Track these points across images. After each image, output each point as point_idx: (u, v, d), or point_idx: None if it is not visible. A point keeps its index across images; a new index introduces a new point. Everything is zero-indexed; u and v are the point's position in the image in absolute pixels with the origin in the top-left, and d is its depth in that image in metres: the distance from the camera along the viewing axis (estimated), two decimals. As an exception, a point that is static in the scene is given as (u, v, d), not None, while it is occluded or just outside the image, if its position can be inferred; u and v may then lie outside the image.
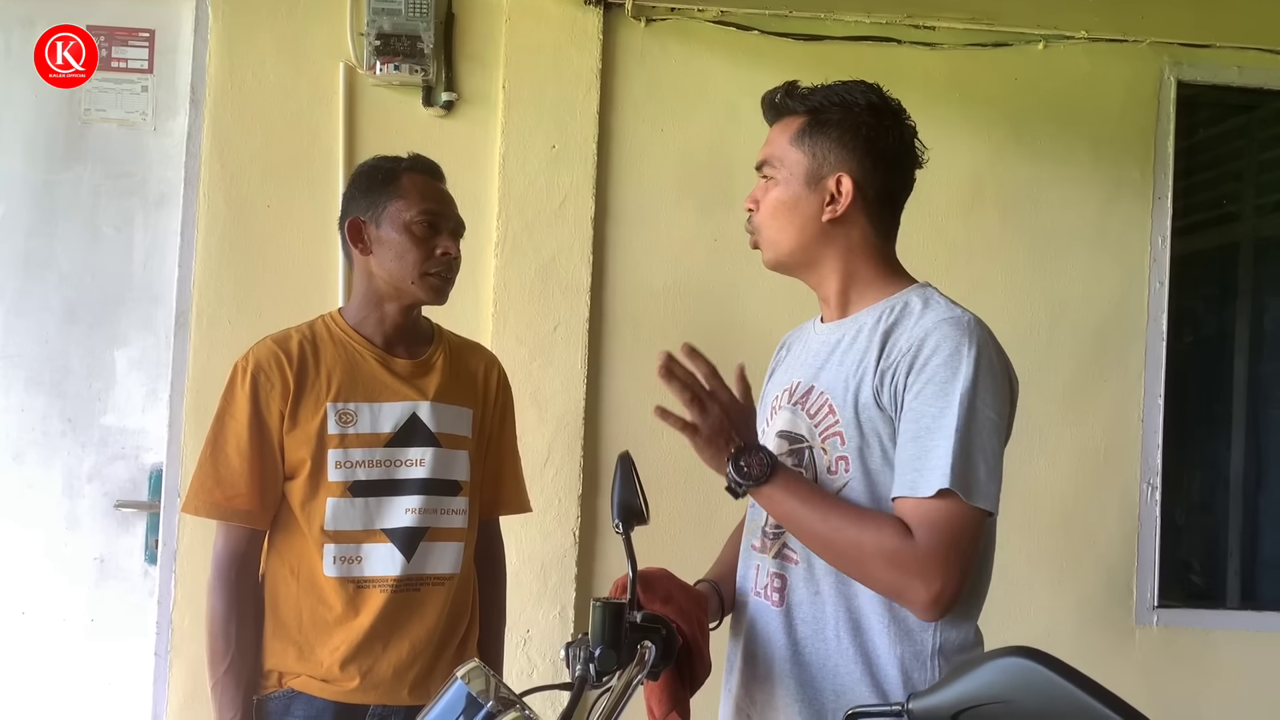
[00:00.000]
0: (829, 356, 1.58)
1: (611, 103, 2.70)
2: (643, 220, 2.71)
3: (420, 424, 1.89)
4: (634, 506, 1.46)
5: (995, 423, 1.42)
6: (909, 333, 1.48)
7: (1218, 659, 2.84)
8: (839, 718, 1.43)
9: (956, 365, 1.41)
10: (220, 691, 1.84)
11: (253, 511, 1.84)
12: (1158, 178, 2.88)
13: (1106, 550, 2.84)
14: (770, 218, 1.60)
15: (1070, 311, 2.83)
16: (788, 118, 1.60)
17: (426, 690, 1.89)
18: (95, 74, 2.65)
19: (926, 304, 1.52)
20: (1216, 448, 3.15)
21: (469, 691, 1.12)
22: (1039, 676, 0.85)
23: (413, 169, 1.92)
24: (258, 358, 1.87)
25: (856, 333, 1.56)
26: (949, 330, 1.44)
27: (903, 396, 1.44)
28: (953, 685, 0.89)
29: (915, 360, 1.44)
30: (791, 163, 1.57)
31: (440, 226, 1.88)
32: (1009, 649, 0.88)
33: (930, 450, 1.38)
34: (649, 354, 2.63)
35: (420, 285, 1.87)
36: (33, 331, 2.66)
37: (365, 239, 1.90)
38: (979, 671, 0.88)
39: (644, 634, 1.34)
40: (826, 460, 1.50)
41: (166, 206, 2.67)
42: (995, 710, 0.87)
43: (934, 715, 0.91)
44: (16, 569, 2.64)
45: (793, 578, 1.54)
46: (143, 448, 2.67)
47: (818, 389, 1.55)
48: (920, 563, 1.35)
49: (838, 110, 1.57)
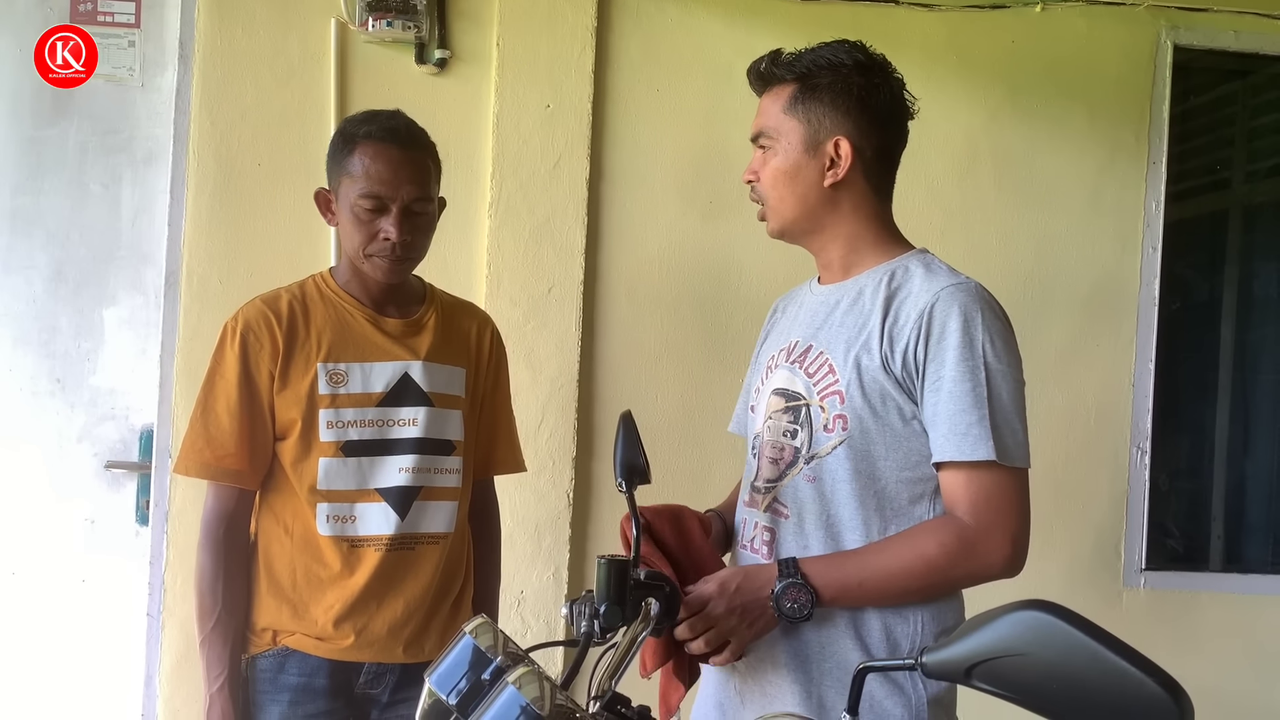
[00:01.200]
0: (828, 317, 1.60)
1: (607, 62, 2.67)
2: (638, 181, 2.69)
3: (412, 383, 1.88)
4: (637, 465, 1.47)
5: (1017, 382, 1.49)
6: (914, 298, 1.50)
7: (1204, 621, 2.88)
8: (824, 669, 1.51)
9: (972, 332, 1.45)
10: (208, 648, 1.84)
11: (242, 471, 1.83)
12: (1152, 142, 2.87)
13: (1095, 513, 2.86)
14: (772, 188, 1.60)
15: (1063, 275, 2.84)
16: (777, 86, 1.60)
17: (421, 648, 1.91)
18: (80, 28, 2.60)
19: (928, 269, 1.55)
20: (1204, 413, 3.18)
21: (477, 646, 1.12)
22: (1054, 628, 0.85)
23: (369, 137, 1.82)
24: (247, 318, 1.85)
25: (857, 295, 1.58)
26: (959, 296, 1.48)
27: (922, 365, 1.47)
28: (966, 639, 0.90)
29: (930, 330, 1.46)
30: (787, 131, 1.58)
31: (386, 206, 1.81)
32: (1023, 602, 0.89)
33: (960, 418, 1.43)
34: (644, 315, 2.68)
35: (368, 266, 1.85)
36: (20, 290, 2.62)
37: (331, 210, 1.88)
38: (993, 625, 0.89)
39: (648, 590, 1.35)
40: (824, 418, 1.53)
41: (155, 164, 2.63)
42: (1010, 663, 0.87)
43: (947, 669, 0.91)
44: (6, 530, 2.62)
45: (782, 531, 1.57)
46: (133, 408, 2.65)
47: (816, 348, 1.58)
48: (982, 540, 1.44)
49: (827, 73, 1.57)
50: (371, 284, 1.90)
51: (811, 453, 1.54)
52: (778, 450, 1.60)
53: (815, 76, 1.57)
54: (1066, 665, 0.84)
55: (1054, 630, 0.86)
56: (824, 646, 1.51)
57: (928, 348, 1.47)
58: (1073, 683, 0.84)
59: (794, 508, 1.56)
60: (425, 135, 1.89)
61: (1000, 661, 0.88)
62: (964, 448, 1.43)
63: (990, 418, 1.43)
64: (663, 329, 2.71)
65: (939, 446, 1.46)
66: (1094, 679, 0.83)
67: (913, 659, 0.93)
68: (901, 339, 1.48)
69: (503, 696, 1.01)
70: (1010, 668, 0.87)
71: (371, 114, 1.91)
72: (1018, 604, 0.89)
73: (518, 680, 1.02)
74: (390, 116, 1.88)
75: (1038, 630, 0.86)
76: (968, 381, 1.44)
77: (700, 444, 2.67)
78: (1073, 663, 0.84)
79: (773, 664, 1.55)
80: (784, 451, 1.59)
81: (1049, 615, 0.86)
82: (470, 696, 1.11)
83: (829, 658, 1.51)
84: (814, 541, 1.53)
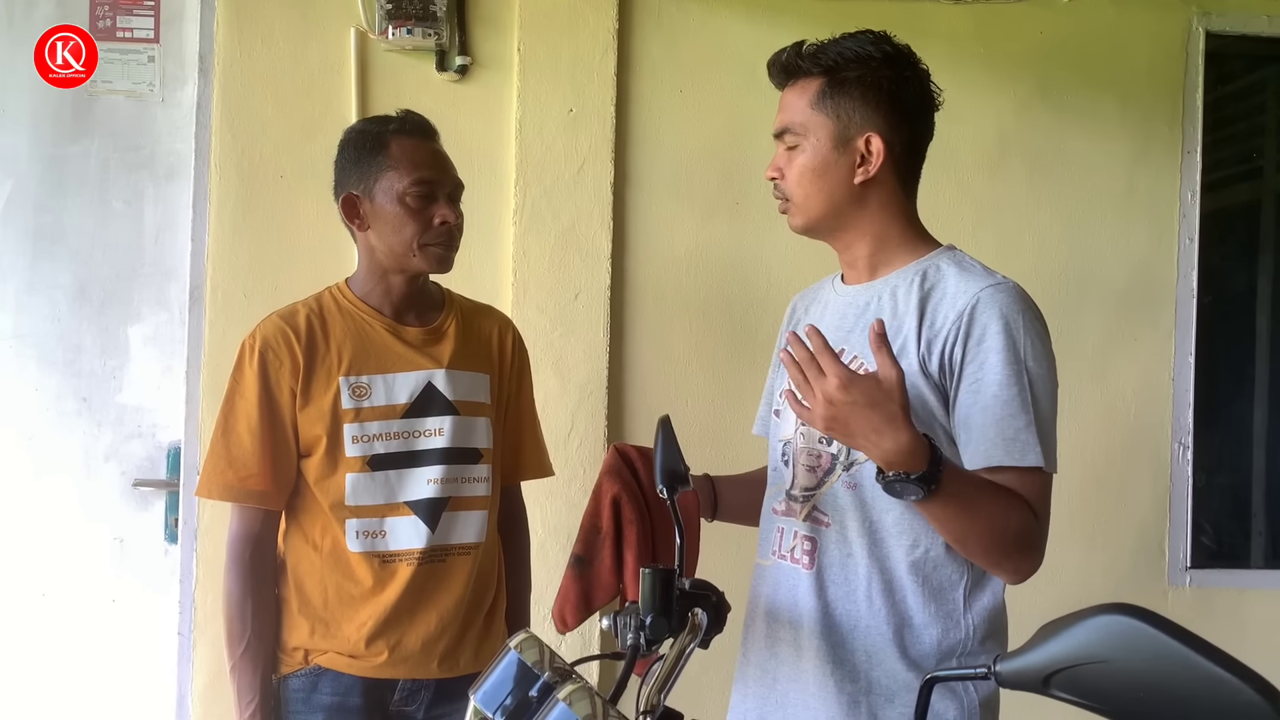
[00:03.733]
0: (859, 319, 1.56)
1: (629, 65, 2.64)
2: (663, 184, 2.66)
3: (437, 393, 1.85)
4: (677, 470, 1.46)
5: (1054, 387, 1.46)
6: (950, 298, 1.47)
7: (1253, 619, 2.82)
8: (870, 679, 1.47)
9: (1015, 335, 1.43)
10: (239, 674, 1.82)
11: (266, 492, 1.81)
12: (1186, 131, 2.82)
13: (1137, 511, 2.80)
14: (798, 184, 1.56)
15: (1099, 269, 2.78)
16: (802, 80, 1.56)
17: (455, 662, 1.88)
18: (101, 44, 2.58)
19: (962, 268, 1.51)
20: (1241, 406, 3.12)
21: (523, 661, 1.09)
22: (1139, 633, 0.81)
23: (400, 131, 1.84)
24: (265, 335, 1.82)
25: (889, 296, 1.54)
26: (1000, 297, 1.45)
27: (961, 367, 1.44)
28: (1043, 646, 0.86)
29: (970, 331, 1.44)
30: (815, 127, 1.54)
31: (436, 193, 1.82)
32: (1104, 606, 0.84)
33: (1008, 423, 1.41)
34: (671, 320, 2.65)
35: (421, 257, 1.83)
36: (44, 310, 2.61)
37: (361, 214, 1.85)
38: (1073, 631, 0.84)
39: (694, 601, 1.31)
40: None
41: (177, 179, 2.62)
42: (1091, 670, 0.83)
43: (1024, 678, 0.87)
44: (36, 550, 2.61)
45: (824, 540, 1.53)
46: (159, 425, 2.63)
47: (849, 352, 1.54)
48: (1036, 538, 1.41)
49: (855, 66, 1.53)
50: (394, 291, 1.87)
51: (850, 459, 1.51)
52: (814, 458, 1.57)
53: (843, 70, 1.53)
54: (1153, 671, 0.80)
55: (1139, 635, 0.81)
56: (870, 657, 1.48)
57: (965, 349, 1.44)
58: (1160, 690, 0.80)
59: (834, 515, 1.53)
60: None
61: (1081, 669, 0.84)
62: (1013, 453, 1.40)
63: (1035, 424, 1.41)
64: (691, 332, 2.68)
65: (983, 451, 1.42)
66: (1183, 685, 0.79)
67: (985, 668, 0.88)
68: (939, 341, 1.46)
69: (554, 714, 0.97)
70: (1092, 675, 0.83)
71: (384, 116, 1.92)
72: (1098, 608, 0.84)
73: (568, 697, 0.98)
74: (409, 114, 1.89)
75: (1121, 635, 0.82)
76: (1014, 386, 1.41)
77: (732, 446, 2.62)
78: (1160, 669, 0.80)
79: (815, 669, 1.51)
80: (820, 459, 1.56)
81: (1133, 619, 0.82)
82: (517, 714, 1.08)
83: (876, 666, 1.48)
84: (857, 549, 1.50)
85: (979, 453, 1.42)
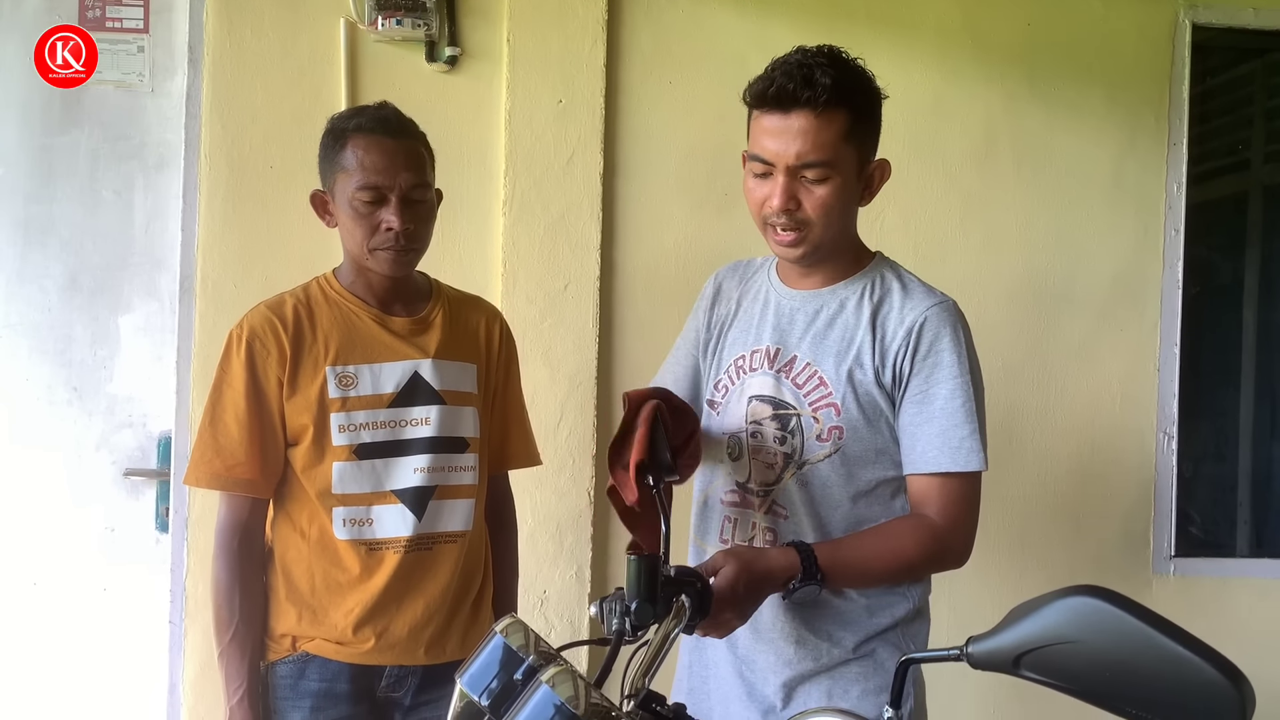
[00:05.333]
0: (809, 327, 1.66)
1: (618, 56, 2.64)
2: (652, 175, 2.67)
3: (423, 382, 1.86)
4: (664, 460, 1.47)
5: (982, 393, 1.61)
6: (898, 314, 1.61)
7: (1236, 607, 2.84)
8: (834, 654, 1.59)
9: (958, 350, 1.57)
10: (227, 660, 1.83)
11: (254, 480, 1.82)
12: (1173, 123, 2.84)
13: (1123, 500, 2.83)
14: (825, 217, 1.57)
15: (1086, 260, 2.80)
16: (827, 112, 1.52)
17: (442, 649, 1.89)
18: (90, 35, 2.58)
19: (905, 287, 1.64)
20: (1228, 397, 3.14)
21: (508, 645, 1.10)
22: (1106, 614, 0.83)
23: (359, 130, 1.80)
24: (252, 325, 1.83)
25: (839, 308, 1.65)
26: (942, 316, 1.59)
27: (907, 379, 1.58)
28: (1014, 627, 0.87)
29: (918, 347, 1.58)
30: (845, 161, 1.56)
31: (385, 197, 1.78)
32: (1073, 588, 0.86)
33: (954, 433, 1.55)
34: (661, 311, 2.66)
35: (373, 261, 1.82)
36: (34, 300, 2.61)
37: (330, 211, 1.86)
38: (1042, 613, 0.86)
39: (679, 587, 1.34)
40: (817, 429, 1.61)
41: (167, 170, 2.62)
42: (1060, 651, 0.85)
43: (995, 659, 0.89)
44: (27, 541, 2.62)
45: (783, 531, 1.64)
46: (150, 415, 2.64)
47: (802, 359, 1.64)
48: (950, 538, 1.57)
49: (871, 100, 1.60)
50: (377, 283, 1.88)
51: (803, 459, 1.62)
52: (770, 455, 1.66)
53: (861, 102, 1.57)
54: (1120, 651, 0.82)
55: (1106, 616, 0.83)
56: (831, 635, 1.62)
57: (914, 362, 1.57)
58: (1127, 670, 0.82)
59: (790, 509, 1.64)
60: (415, 124, 1.87)
61: (1050, 650, 0.85)
62: (958, 459, 1.54)
63: (978, 431, 1.56)
64: (680, 323, 2.66)
65: (930, 457, 1.56)
66: (1149, 665, 0.81)
67: (958, 649, 0.90)
68: (891, 353, 1.58)
69: (537, 696, 0.99)
70: (1060, 656, 0.85)
71: (359, 108, 1.90)
72: (1067, 589, 0.86)
73: (551, 679, 1.00)
74: (379, 108, 1.86)
75: (1089, 616, 0.84)
76: (958, 397, 1.55)
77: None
78: (1126, 649, 0.82)
79: (781, 649, 1.64)
80: (775, 457, 1.65)
81: (1100, 601, 0.84)
82: (503, 697, 1.09)
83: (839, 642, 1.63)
84: (808, 538, 1.60)
85: (925, 458, 1.56)
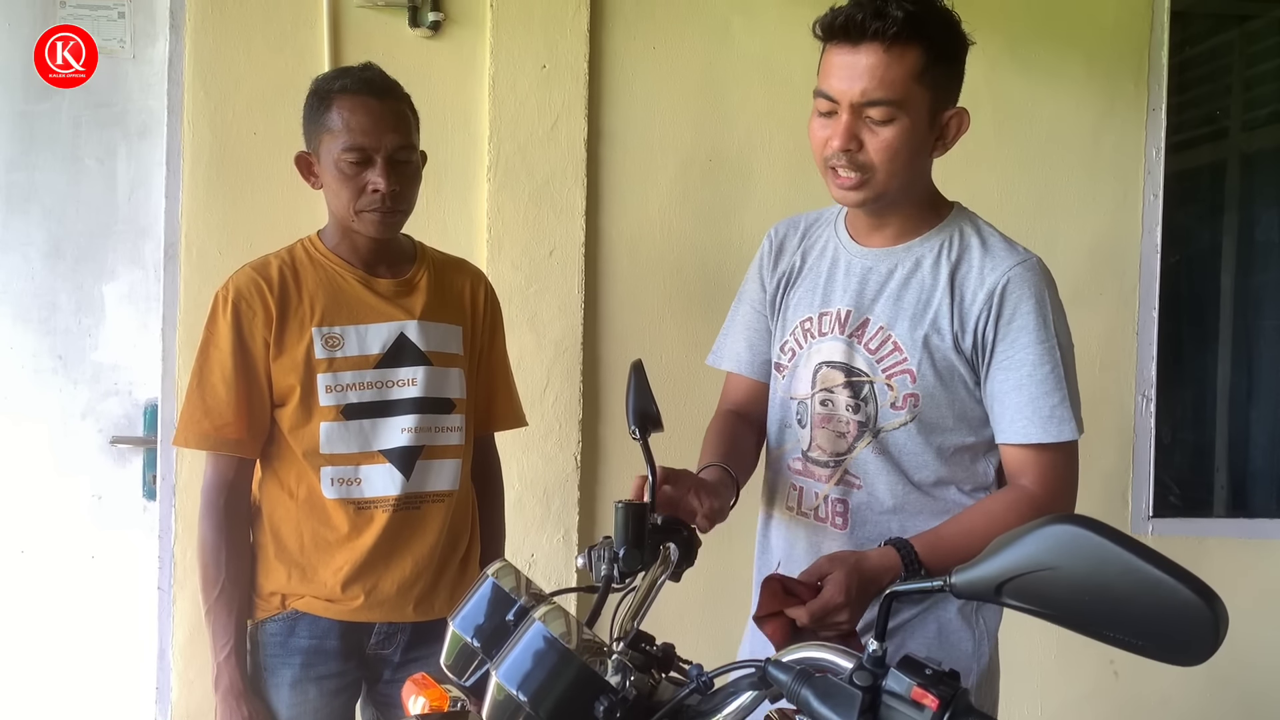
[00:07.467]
0: (882, 288, 1.56)
1: (602, 20, 2.64)
2: (637, 141, 2.67)
3: (409, 343, 1.88)
4: (649, 412, 1.48)
5: (1072, 357, 1.53)
6: (978, 275, 1.51)
7: (1212, 566, 2.87)
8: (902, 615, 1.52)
9: (1042, 313, 1.48)
10: (214, 618, 1.85)
11: (241, 440, 1.83)
12: (1152, 90, 2.86)
13: (1102, 462, 2.86)
14: (889, 160, 1.46)
15: (1066, 224, 2.83)
16: (898, 46, 1.41)
17: (431, 606, 1.92)
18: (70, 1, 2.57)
19: (985, 243, 1.54)
20: (1206, 360, 3.18)
21: (499, 586, 1.12)
22: (1085, 540, 0.85)
23: (344, 90, 1.80)
24: (238, 286, 1.84)
25: (914, 267, 1.55)
26: (1025, 276, 1.49)
27: (992, 343, 1.49)
28: (996, 557, 0.90)
29: (1000, 311, 1.48)
30: (917, 101, 1.44)
31: (370, 159, 1.78)
32: (1052, 517, 0.89)
33: (1043, 401, 1.46)
34: (646, 276, 2.67)
35: (359, 223, 1.83)
36: (17, 268, 2.60)
37: (315, 173, 1.86)
38: (1022, 541, 0.88)
39: (666, 535, 1.35)
40: (892, 396, 1.53)
41: (149, 136, 2.60)
42: (1040, 578, 0.87)
43: (977, 588, 0.91)
44: (14, 509, 2.61)
45: (855, 501, 1.58)
46: (136, 383, 2.63)
47: (875, 323, 1.55)
48: (1050, 507, 1.46)
49: (950, 35, 1.48)
50: (362, 245, 1.88)
51: (878, 427, 1.55)
52: (841, 424, 1.59)
53: (941, 39, 1.46)
54: (1098, 577, 0.84)
55: (1084, 542, 0.85)
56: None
57: (998, 327, 1.48)
58: (1105, 594, 0.84)
59: (865, 479, 1.57)
60: (400, 86, 1.87)
61: (1030, 577, 0.88)
62: (1050, 429, 1.46)
63: (1069, 398, 1.47)
64: (665, 288, 2.70)
65: (1019, 428, 1.47)
66: (1126, 589, 0.83)
67: (942, 580, 0.92)
68: (971, 318, 1.49)
69: (529, 632, 1.01)
70: (1041, 583, 0.87)
71: (343, 69, 1.90)
72: (1047, 519, 0.88)
73: (544, 617, 1.01)
74: (363, 69, 1.86)
75: (1068, 543, 0.86)
76: (1046, 364, 1.46)
77: (705, 403, 2.64)
78: (1104, 574, 0.84)
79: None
80: (848, 425, 1.58)
81: (1079, 528, 0.86)
82: (495, 638, 1.11)
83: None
84: (888, 509, 1.56)
85: (1015, 429, 1.48)
